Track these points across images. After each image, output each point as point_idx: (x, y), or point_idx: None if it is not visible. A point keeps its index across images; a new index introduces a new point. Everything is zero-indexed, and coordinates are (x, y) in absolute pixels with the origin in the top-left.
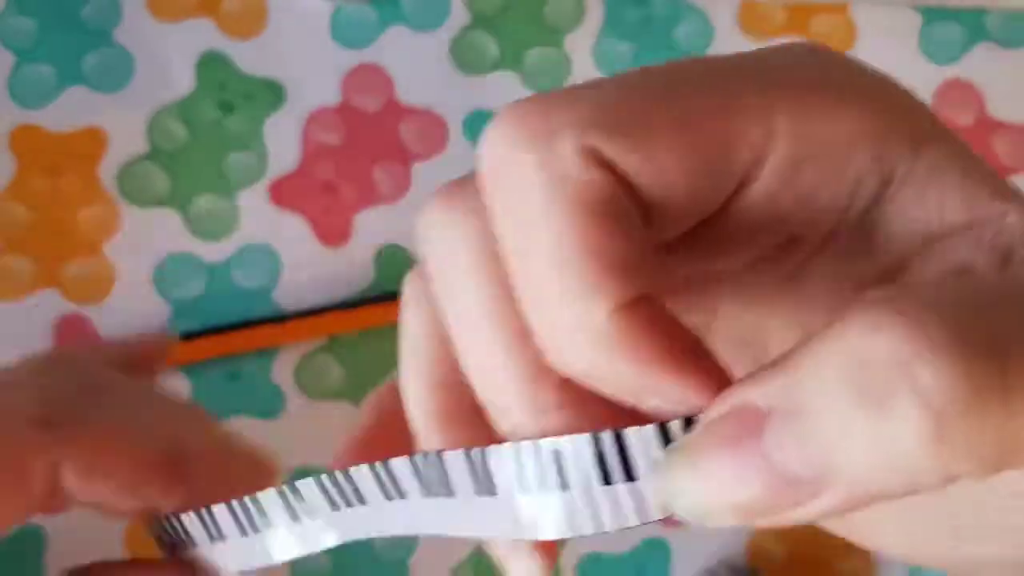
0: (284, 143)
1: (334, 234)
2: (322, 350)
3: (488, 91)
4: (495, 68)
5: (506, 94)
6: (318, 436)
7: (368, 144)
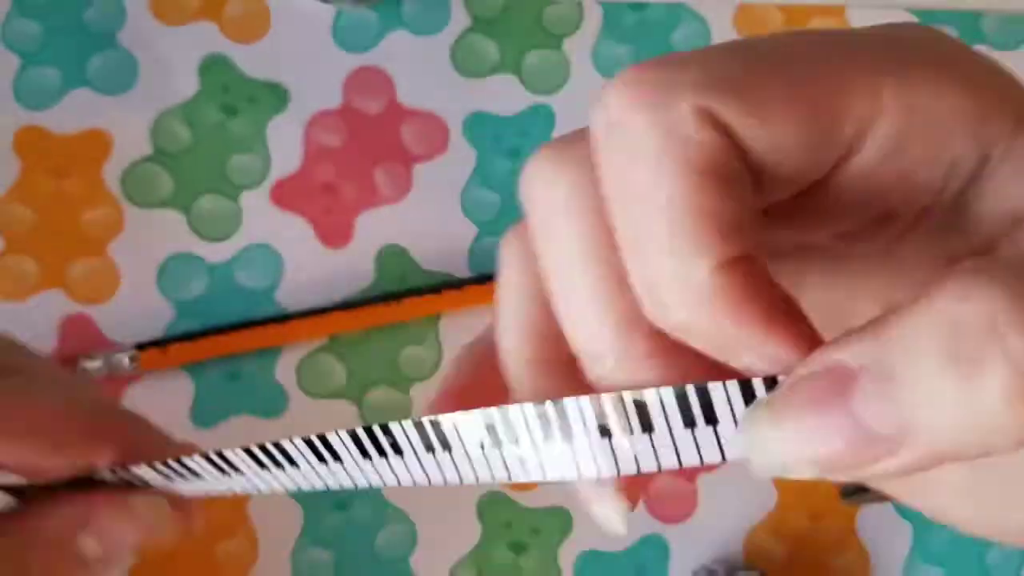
0: (286, 145)
1: (335, 235)
2: (323, 350)
3: (488, 94)
4: (495, 71)
5: (506, 97)
6: None
7: (369, 146)
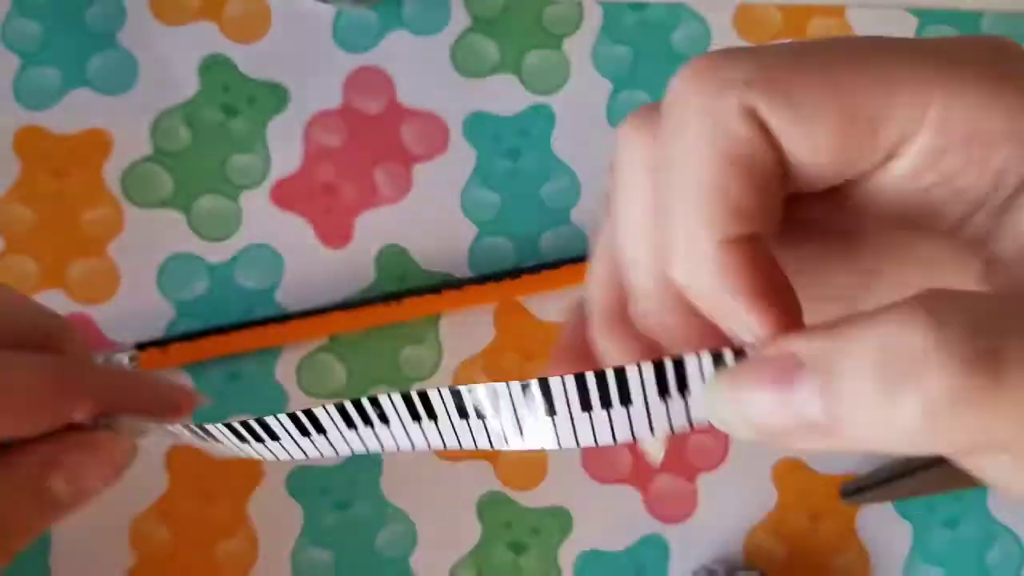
0: (286, 145)
1: (335, 235)
2: (323, 350)
3: (488, 94)
4: (495, 71)
5: (506, 96)
6: None
7: (369, 146)
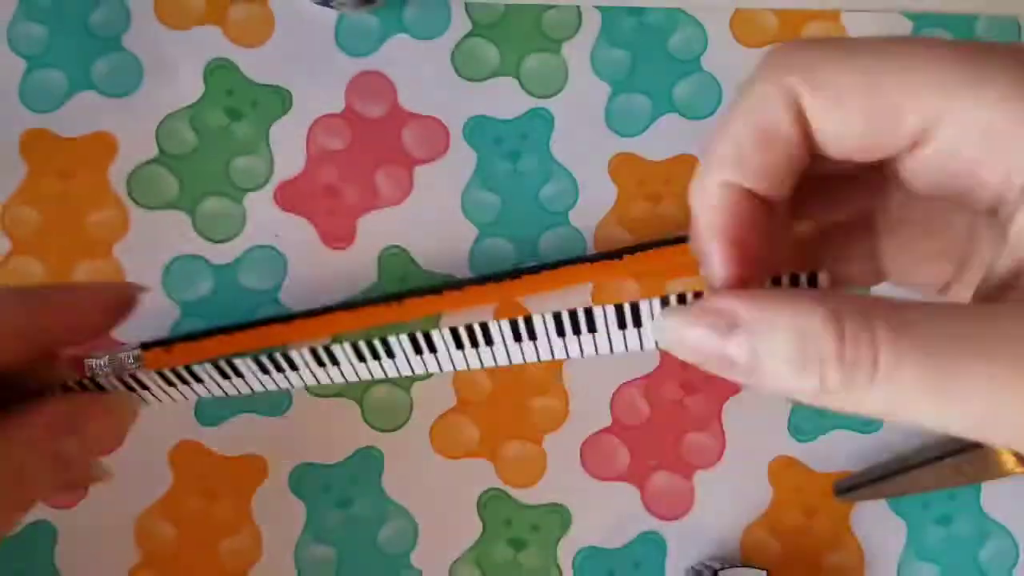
0: (289, 148)
1: (338, 236)
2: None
3: (488, 97)
4: (495, 75)
5: (505, 100)
6: (323, 434)
7: (371, 149)
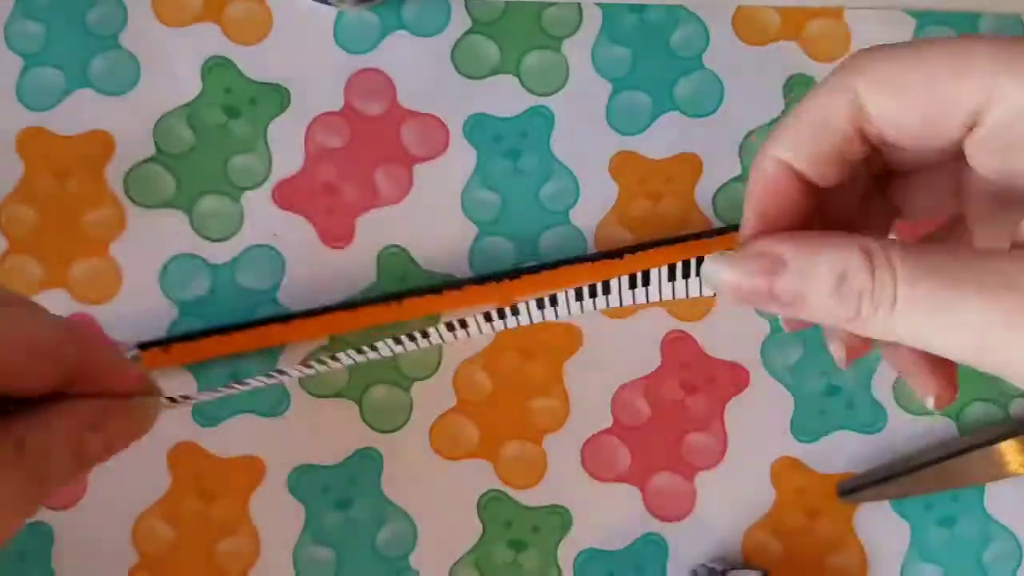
0: (288, 146)
1: (337, 235)
2: (324, 349)
3: (488, 95)
4: (495, 72)
5: (505, 98)
6: (321, 434)
7: (370, 147)
